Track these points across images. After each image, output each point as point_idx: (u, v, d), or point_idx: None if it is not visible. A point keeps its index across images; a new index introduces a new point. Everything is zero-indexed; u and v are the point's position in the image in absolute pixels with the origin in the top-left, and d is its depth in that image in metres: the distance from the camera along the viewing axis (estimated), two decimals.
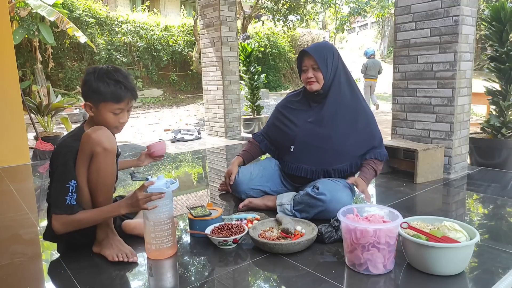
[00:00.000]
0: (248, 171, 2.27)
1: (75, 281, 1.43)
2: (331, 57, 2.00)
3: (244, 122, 6.18)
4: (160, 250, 1.57)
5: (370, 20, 20.03)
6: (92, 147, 1.45)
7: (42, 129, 4.59)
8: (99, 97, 1.51)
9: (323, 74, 1.98)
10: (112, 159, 1.52)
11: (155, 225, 1.54)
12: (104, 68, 1.54)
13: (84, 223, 1.51)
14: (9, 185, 3.03)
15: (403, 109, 3.08)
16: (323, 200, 1.86)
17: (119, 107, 1.54)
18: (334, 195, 1.88)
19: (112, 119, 1.55)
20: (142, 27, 12.13)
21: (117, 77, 1.52)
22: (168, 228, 1.57)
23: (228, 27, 5.04)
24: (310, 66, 1.99)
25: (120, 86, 1.51)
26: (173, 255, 1.60)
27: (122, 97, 1.52)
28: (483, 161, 3.41)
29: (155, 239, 1.56)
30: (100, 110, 1.53)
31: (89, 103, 1.54)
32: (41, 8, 7.27)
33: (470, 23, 2.75)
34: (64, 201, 1.47)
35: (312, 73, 1.99)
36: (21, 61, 9.54)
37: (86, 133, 1.48)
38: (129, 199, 1.49)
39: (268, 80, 13.67)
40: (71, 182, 1.48)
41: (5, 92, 3.74)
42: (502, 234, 1.84)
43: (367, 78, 9.78)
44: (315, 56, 1.96)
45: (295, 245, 1.58)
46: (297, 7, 12.46)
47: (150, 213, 1.53)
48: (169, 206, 1.57)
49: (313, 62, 1.97)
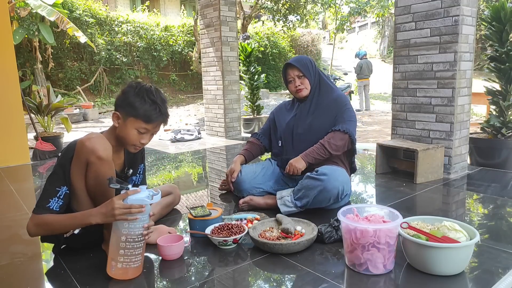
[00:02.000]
0: (251, 170, 2.31)
1: (75, 281, 1.43)
2: (311, 64, 2.24)
3: (244, 122, 6.18)
4: (126, 269, 1.40)
5: (370, 20, 20.04)
6: (86, 155, 1.42)
7: (42, 129, 4.58)
8: (131, 111, 1.49)
9: (309, 80, 2.20)
10: (108, 167, 1.47)
11: (127, 240, 1.38)
12: (147, 86, 1.53)
13: (54, 227, 1.43)
14: (9, 185, 3.03)
15: (403, 109, 3.08)
16: (321, 180, 1.93)
17: (146, 127, 1.51)
18: (332, 173, 1.97)
19: (135, 136, 1.52)
20: (142, 27, 12.12)
21: (155, 98, 1.50)
22: (140, 246, 1.42)
23: (228, 27, 5.04)
24: (295, 76, 2.20)
25: (155, 107, 1.50)
26: (137, 276, 1.44)
27: (154, 119, 1.51)
28: (483, 161, 3.41)
29: (124, 256, 1.38)
30: (126, 123, 1.51)
31: (118, 113, 1.52)
32: (41, 8, 7.27)
33: (470, 23, 2.75)
34: (47, 202, 1.43)
35: (299, 82, 2.20)
36: (21, 61, 9.54)
37: (80, 140, 1.45)
38: (103, 207, 1.37)
39: (268, 80, 13.67)
40: (62, 187, 1.46)
41: (5, 92, 3.75)
42: (502, 234, 1.84)
43: (361, 78, 10.06)
44: (298, 65, 2.18)
45: (295, 245, 1.58)
46: (297, 7, 12.45)
47: (124, 227, 1.37)
48: (146, 222, 1.42)
49: (297, 71, 2.19)
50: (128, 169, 1.70)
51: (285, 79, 2.28)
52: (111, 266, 1.40)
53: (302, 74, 2.19)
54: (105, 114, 9.97)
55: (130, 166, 1.71)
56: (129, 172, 1.70)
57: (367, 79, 10.10)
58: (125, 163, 1.69)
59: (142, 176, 1.82)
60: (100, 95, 11.12)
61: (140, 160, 1.80)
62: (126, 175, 1.69)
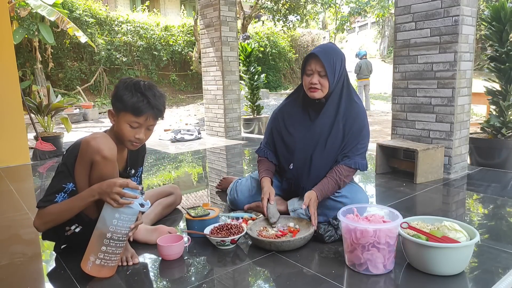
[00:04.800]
0: (246, 188, 2.14)
1: (75, 281, 1.43)
2: (340, 64, 1.82)
3: (244, 122, 6.19)
4: (103, 267, 1.39)
5: (370, 20, 20.03)
6: (91, 155, 1.42)
7: (42, 129, 4.58)
8: (120, 105, 1.49)
9: (329, 82, 1.79)
10: (112, 166, 1.47)
11: (112, 238, 1.37)
12: (136, 80, 1.52)
13: (61, 213, 1.44)
14: (9, 185, 3.03)
15: (403, 109, 3.08)
16: (344, 203, 1.79)
17: (136, 121, 1.50)
18: (355, 197, 1.86)
19: (128, 131, 1.51)
20: (142, 27, 12.12)
21: (144, 90, 1.49)
22: (122, 246, 1.42)
23: (228, 27, 5.04)
24: (316, 72, 1.79)
25: (143, 99, 1.48)
26: (110, 276, 1.43)
27: (142, 111, 1.48)
28: (483, 161, 3.41)
29: (105, 253, 1.37)
30: (119, 119, 1.51)
31: (112, 110, 1.53)
32: (41, 8, 7.27)
33: (470, 23, 2.75)
34: (54, 198, 1.45)
35: (318, 79, 1.79)
36: (21, 61, 9.54)
37: (85, 139, 1.44)
38: (104, 183, 1.38)
39: (268, 80, 13.67)
40: (69, 184, 1.46)
41: (5, 92, 3.74)
42: (502, 234, 1.84)
43: (361, 78, 10.10)
44: (324, 61, 1.75)
45: (301, 240, 1.62)
46: (297, 7, 12.45)
47: (112, 223, 1.36)
48: (133, 222, 1.43)
49: (320, 67, 1.77)
50: (130, 168, 1.70)
51: (303, 68, 1.85)
52: (87, 262, 1.38)
53: (325, 72, 1.77)
54: (105, 114, 9.97)
55: (132, 166, 1.72)
56: (131, 172, 1.71)
57: (367, 79, 10.14)
58: (128, 163, 1.69)
59: (140, 179, 1.83)
60: (100, 95, 11.13)
61: (140, 163, 1.81)
62: (128, 175, 1.69)
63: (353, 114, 1.87)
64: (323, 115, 1.88)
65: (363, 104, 1.95)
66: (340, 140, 1.86)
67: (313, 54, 1.78)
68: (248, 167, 3.51)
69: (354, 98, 1.91)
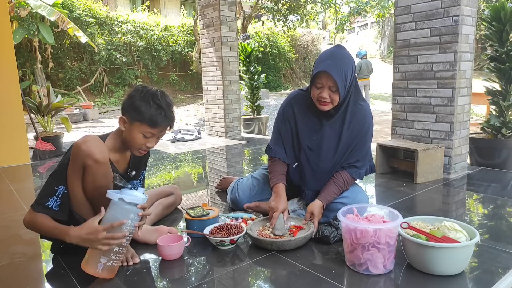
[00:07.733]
0: (248, 187, 2.14)
1: (75, 281, 1.43)
2: (350, 73, 1.74)
3: (244, 122, 6.19)
4: (114, 267, 1.40)
5: (370, 20, 20.03)
6: (82, 159, 1.41)
7: (42, 129, 4.58)
8: (137, 115, 1.49)
9: (340, 96, 1.73)
10: (105, 169, 1.46)
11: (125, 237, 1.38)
12: (153, 90, 1.54)
13: (41, 230, 1.47)
14: (9, 185, 3.03)
15: (403, 109, 3.08)
16: (344, 203, 1.77)
17: (151, 132, 1.51)
18: (355, 197, 1.86)
19: (140, 140, 1.52)
20: (142, 27, 12.11)
21: (161, 102, 1.50)
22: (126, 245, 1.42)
23: (228, 27, 5.04)
24: (327, 86, 1.71)
25: (161, 112, 1.50)
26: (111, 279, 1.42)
27: (159, 123, 1.51)
28: (483, 161, 3.41)
29: (117, 254, 1.38)
30: (133, 128, 1.51)
31: (125, 117, 1.53)
32: (41, 8, 7.27)
33: (470, 23, 2.75)
34: (46, 201, 1.45)
35: (328, 94, 1.72)
36: (21, 61, 9.53)
37: (76, 143, 1.44)
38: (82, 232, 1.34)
39: (268, 80, 13.66)
40: (60, 187, 1.46)
41: (5, 92, 3.74)
42: (502, 234, 1.84)
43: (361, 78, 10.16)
44: (336, 77, 1.67)
45: (302, 239, 1.62)
46: (297, 7, 12.44)
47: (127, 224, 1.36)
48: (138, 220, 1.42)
49: (332, 83, 1.69)
50: (131, 170, 1.70)
51: (312, 80, 1.75)
52: (97, 264, 1.35)
53: (336, 88, 1.70)
54: (105, 114, 9.97)
55: (134, 168, 1.72)
56: (131, 173, 1.70)
57: (367, 79, 10.15)
58: (130, 165, 1.69)
59: (142, 182, 1.83)
60: (100, 95, 11.12)
61: (143, 166, 1.81)
62: (128, 176, 1.69)
63: (360, 117, 1.85)
64: (332, 120, 1.86)
65: (368, 105, 1.94)
66: (348, 144, 1.86)
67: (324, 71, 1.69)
68: (248, 167, 3.51)
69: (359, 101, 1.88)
